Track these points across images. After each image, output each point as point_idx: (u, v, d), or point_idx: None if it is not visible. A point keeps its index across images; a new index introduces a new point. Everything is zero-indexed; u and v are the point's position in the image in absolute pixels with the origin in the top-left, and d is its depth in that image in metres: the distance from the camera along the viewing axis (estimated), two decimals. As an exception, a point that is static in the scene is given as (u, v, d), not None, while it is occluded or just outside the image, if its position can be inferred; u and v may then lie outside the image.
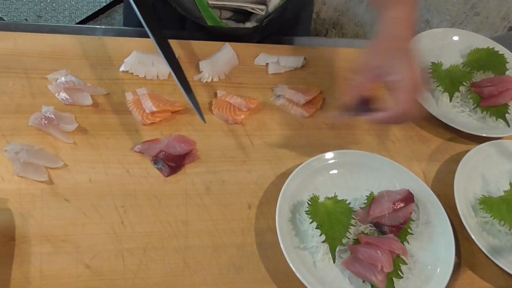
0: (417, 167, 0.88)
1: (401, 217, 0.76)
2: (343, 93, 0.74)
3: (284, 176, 0.79)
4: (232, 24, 0.98)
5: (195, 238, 0.73)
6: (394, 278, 0.71)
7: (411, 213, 0.76)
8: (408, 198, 0.77)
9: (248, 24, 0.98)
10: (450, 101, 0.94)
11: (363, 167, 0.82)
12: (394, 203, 0.76)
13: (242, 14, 0.98)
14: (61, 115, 0.80)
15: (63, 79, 0.83)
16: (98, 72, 0.87)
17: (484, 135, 0.90)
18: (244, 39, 0.99)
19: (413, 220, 0.78)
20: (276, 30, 1.04)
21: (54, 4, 2.20)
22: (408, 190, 0.78)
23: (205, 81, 0.90)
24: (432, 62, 0.97)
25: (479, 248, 0.76)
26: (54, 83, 0.83)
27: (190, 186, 0.77)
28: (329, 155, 0.81)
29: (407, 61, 0.69)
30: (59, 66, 0.86)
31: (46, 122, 0.78)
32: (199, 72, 0.91)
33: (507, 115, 0.92)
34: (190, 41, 0.95)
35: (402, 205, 0.76)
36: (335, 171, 0.82)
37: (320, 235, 0.72)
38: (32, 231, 0.70)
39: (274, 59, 0.94)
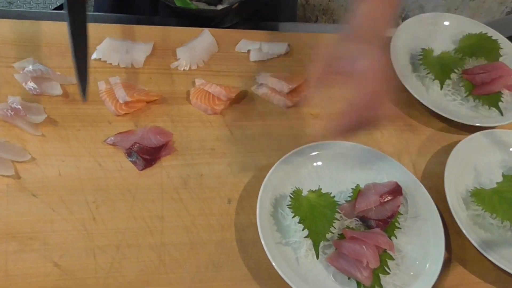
0: (407, 158, 0.88)
1: (389, 210, 0.76)
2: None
3: (266, 169, 0.79)
4: (204, 6, 0.98)
5: (171, 235, 0.73)
6: (380, 274, 0.72)
7: (398, 206, 0.76)
8: (396, 190, 0.78)
9: (220, 6, 0.98)
10: (441, 89, 0.94)
11: (349, 159, 0.83)
12: (381, 196, 0.76)
13: None
14: (28, 106, 0.79)
15: (30, 67, 0.82)
16: (69, 60, 0.84)
17: (477, 124, 0.91)
18: (215, 23, 0.98)
19: (401, 214, 0.78)
20: (251, 14, 1.04)
21: (26, -10, 2.18)
22: (396, 182, 0.79)
23: (182, 69, 0.90)
24: (422, 49, 0.98)
25: (470, 242, 0.77)
26: (21, 71, 0.83)
27: (166, 180, 0.77)
28: (312, 146, 0.82)
29: (374, 52, 0.66)
30: (26, 54, 0.85)
31: (12, 113, 0.77)
32: (176, 59, 0.91)
33: (500, 103, 0.93)
34: (166, 27, 0.94)
35: (389, 198, 0.77)
36: (319, 163, 0.82)
37: (303, 230, 0.72)
38: (-3, 228, 0.69)
39: (256, 46, 0.94)
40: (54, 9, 2.10)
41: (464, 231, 0.77)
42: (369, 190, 0.78)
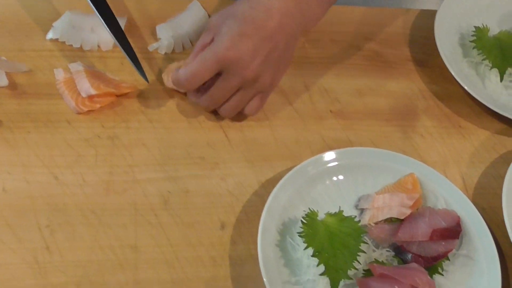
0: (455, 170, 0.88)
1: (435, 251, 0.75)
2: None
3: (271, 184, 0.79)
4: None
5: (148, 270, 0.73)
6: (417, 324, 0.71)
7: (450, 251, 0.76)
8: (455, 231, 0.77)
9: None
10: (501, 80, 0.93)
11: (380, 172, 0.82)
12: (434, 231, 0.76)
13: None
14: (-36, 101, 0.79)
15: (-32, 51, 0.82)
16: (18, 41, 0.87)
17: (547, 126, 0.90)
18: None
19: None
20: None
21: None
22: (459, 218, 0.78)
23: (163, 52, 0.90)
24: (475, 27, 0.97)
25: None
26: (-44, 56, 0.83)
27: (141, 198, 0.77)
28: (329, 155, 0.81)
29: (232, 26, 0.75)
30: (-38, 33, 0.86)
31: None
32: (156, 39, 0.91)
33: None
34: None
35: (443, 238, 0.76)
36: (340, 177, 0.81)
37: (318, 265, 0.72)
38: None
39: None
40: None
41: (527, 266, 0.77)
42: (422, 216, 0.77)
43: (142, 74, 0.84)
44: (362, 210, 0.80)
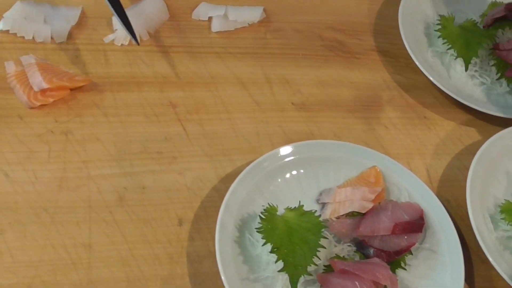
0: (419, 162, 0.88)
1: (398, 245, 0.76)
2: None
3: (230, 178, 0.79)
4: None
5: (102, 269, 0.72)
6: (379, 320, 0.71)
7: (413, 244, 0.76)
8: (417, 225, 0.77)
9: None
10: (466, 69, 0.94)
11: (342, 165, 0.82)
12: (396, 225, 0.76)
13: None
14: None
15: None
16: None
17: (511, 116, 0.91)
18: None
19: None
20: None
21: None
22: (422, 211, 0.78)
23: (120, 44, 0.89)
24: (440, 16, 0.97)
25: (499, 273, 0.76)
26: None
27: (95, 195, 0.77)
28: (289, 149, 0.81)
29: None
30: None
31: None
32: (112, 31, 0.90)
33: (542, 88, 0.93)
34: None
35: (405, 232, 0.76)
36: (301, 171, 0.81)
37: (276, 262, 0.71)
38: None
39: (220, 11, 0.94)
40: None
41: (490, 259, 0.77)
42: (385, 210, 0.77)
43: (132, 36, 0.82)
44: (323, 205, 0.80)
